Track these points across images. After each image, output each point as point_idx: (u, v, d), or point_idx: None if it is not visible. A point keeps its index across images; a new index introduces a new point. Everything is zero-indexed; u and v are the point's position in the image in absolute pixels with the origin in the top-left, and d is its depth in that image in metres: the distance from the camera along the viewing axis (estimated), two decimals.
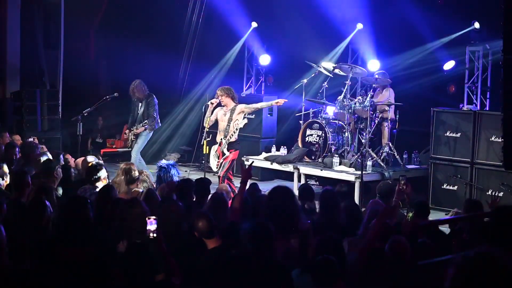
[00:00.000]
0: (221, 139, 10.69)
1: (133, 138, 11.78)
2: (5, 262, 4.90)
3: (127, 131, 12.04)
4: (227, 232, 5.62)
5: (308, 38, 13.36)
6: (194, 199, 7.16)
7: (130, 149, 11.88)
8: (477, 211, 6.57)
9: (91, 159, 8.66)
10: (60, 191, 7.65)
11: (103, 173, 7.56)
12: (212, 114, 10.80)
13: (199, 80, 15.04)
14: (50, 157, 8.69)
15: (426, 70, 12.35)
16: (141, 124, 11.72)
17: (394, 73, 12.31)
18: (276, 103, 11.06)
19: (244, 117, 10.62)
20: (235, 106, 10.75)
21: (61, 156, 9.22)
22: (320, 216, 6.41)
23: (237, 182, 11.40)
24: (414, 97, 12.27)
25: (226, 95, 10.69)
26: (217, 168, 10.69)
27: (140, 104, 11.85)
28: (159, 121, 11.98)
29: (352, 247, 5.64)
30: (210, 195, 7.00)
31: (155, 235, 5.01)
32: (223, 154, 10.63)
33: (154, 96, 11.88)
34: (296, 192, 7.67)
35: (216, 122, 10.84)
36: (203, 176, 8.68)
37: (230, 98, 10.73)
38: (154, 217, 5.08)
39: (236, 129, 10.54)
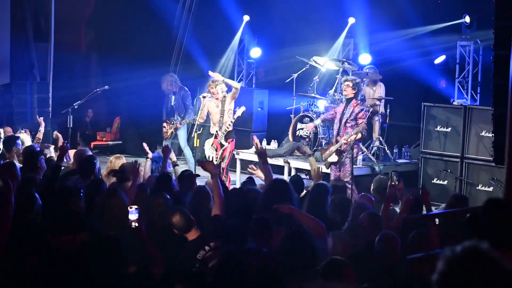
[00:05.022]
0: (217, 131, 10.60)
1: (173, 131, 12.32)
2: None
3: (164, 124, 12.43)
4: (208, 224, 5.64)
5: (300, 31, 13.33)
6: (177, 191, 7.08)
7: (164, 139, 12.32)
8: (462, 206, 6.59)
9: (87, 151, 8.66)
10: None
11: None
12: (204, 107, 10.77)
13: (192, 77, 14.94)
14: (38, 149, 8.66)
15: (417, 65, 12.34)
16: (179, 118, 12.20)
17: (384, 67, 12.30)
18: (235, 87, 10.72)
19: (239, 107, 10.52)
20: (224, 97, 10.70)
21: (49, 149, 9.19)
22: (307, 209, 6.39)
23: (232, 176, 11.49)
24: (404, 92, 12.27)
25: (220, 84, 10.68)
26: (216, 161, 10.58)
27: (173, 96, 12.28)
28: (192, 112, 12.43)
29: (337, 241, 5.64)
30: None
31: (136, 224, 5.00)
32: (222, 145, 10.55)
33: (187, 89, 12.36)
34: None
35: (208, 115, 10.79)
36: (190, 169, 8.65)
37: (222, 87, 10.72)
38: (135, 206, 5.06)
39: (234, 119, 10.48)
